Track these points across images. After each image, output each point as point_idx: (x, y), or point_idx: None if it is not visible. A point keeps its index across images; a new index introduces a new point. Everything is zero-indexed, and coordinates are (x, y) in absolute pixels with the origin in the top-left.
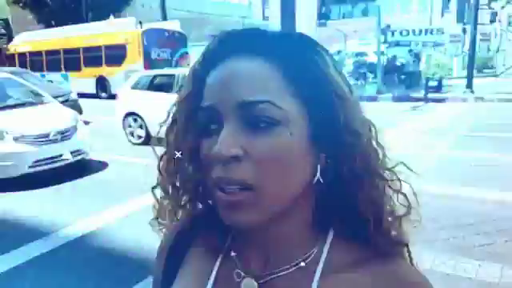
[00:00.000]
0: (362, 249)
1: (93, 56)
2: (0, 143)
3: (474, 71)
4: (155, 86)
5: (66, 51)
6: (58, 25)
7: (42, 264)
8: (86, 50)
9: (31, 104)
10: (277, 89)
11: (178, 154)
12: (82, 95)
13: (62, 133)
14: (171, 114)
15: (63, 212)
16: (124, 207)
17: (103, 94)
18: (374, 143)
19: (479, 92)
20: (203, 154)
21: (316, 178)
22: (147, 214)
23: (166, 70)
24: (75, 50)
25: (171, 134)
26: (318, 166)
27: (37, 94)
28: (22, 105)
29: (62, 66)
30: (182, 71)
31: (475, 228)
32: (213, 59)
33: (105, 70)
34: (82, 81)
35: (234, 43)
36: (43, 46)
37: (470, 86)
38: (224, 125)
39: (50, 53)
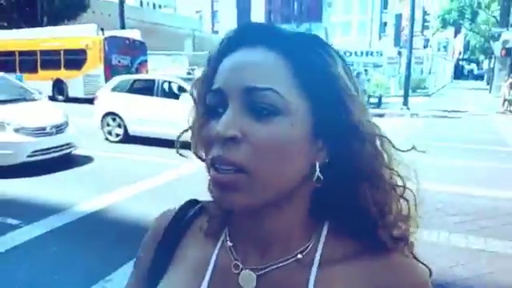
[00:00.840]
0: (358, 242)
1: (51, 59)
2: (1, 133)
3: (410, 91)
4: (135, 89)
5: (22, 53)
6: (11, 27)
7: (63, 233)
8: (45, 52)
9: (25, 100)
10: (283, 79)
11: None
12: None
13: (56, 127)
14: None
15: (64, 195)
16: (121, 191)
17: (60, 97)
18: (378, 145)
19: (414, 109)
20: (204, 134)
21: (316, 176)
22: (143, 197)
23: (147, 75)
24: (32, 52)
25: (191, 115)
26: (317, 164)
27: (28, 92)
28: (17, 100)
29: (17, 68)
30: (162, 77)
31: None
32: (228, 48)
33: (63, 74)
34: (38, 83)
35: (248, 35)
36: None
37: (406, 103)
38: (228, 108)
39: (3, 54)
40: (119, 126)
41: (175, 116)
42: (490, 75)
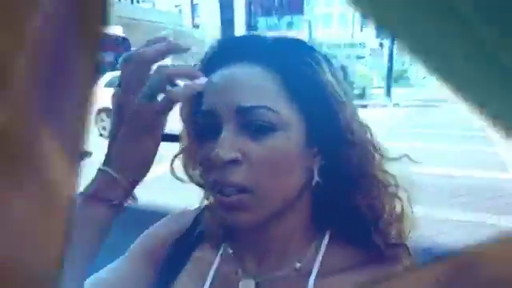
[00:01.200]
0: (357, 251)
1: None
2: None
3: (392, 81)
4: None
5: None
6: None
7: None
8: None
9: None
10: (274, 94)
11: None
12: None
13: None
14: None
15: None
16: None
17: None
18: (370, 147)
19: (396, 99)
20: (202, 158)
21: (315, 181)
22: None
23: None
24: None
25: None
26: (315, 169)
27: None
28: None
29: None
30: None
31: None
32: (212, 66)
33: None
34: None
35: (231, 50)
36: None
37: (388, 94)
38: (223, 129)
39: None
40: None
41: None
42: None
